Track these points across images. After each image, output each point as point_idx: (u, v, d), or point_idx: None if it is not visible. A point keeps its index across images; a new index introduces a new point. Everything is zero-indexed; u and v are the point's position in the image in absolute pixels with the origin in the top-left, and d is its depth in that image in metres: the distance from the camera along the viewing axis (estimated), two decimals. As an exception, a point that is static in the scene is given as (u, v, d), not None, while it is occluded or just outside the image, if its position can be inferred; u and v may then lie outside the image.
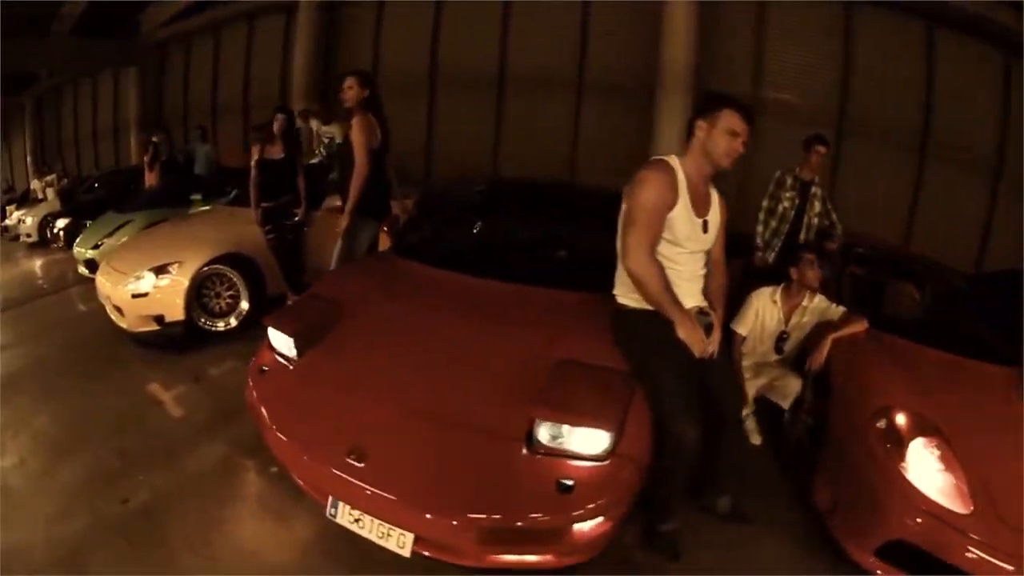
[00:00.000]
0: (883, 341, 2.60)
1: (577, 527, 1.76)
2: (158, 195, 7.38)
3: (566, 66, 8.39)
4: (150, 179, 8.47)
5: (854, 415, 2.26)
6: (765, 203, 3.88)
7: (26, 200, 11.90)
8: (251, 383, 2.38)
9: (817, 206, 3.86)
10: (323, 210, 4.86)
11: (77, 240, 6.78)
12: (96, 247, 6.28)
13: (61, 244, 8.38)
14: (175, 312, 4.01)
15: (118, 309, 4.17)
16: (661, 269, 2.03)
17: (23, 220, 9.61)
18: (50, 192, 11.07)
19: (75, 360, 4.09)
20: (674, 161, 2.07)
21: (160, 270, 4.04)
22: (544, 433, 1.86)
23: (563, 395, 1.92)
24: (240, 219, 4.73)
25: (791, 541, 2.32)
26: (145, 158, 8.64)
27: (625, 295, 2.15)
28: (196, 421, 3.18)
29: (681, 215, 2.03)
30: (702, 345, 2.03)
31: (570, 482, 1.77)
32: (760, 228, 3.89)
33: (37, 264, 8.29)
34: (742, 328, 2.94)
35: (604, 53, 8.13)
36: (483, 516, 1.74)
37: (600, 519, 1.78)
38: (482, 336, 2.31)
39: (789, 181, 3.80)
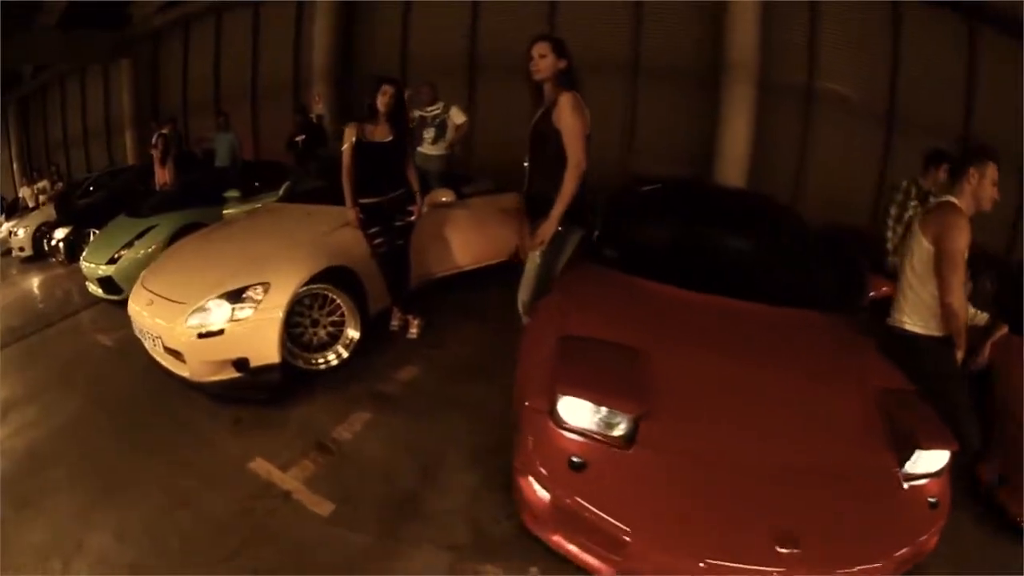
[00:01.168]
0: (1012, 339, 2.85)
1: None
2: (181, 194, 6.10)
3: (620, 50, 7.95)
4: (162, 176, 7.26)
5: (1012, 405, 2.54)
6: (893, 211, 4.03)
7: (15, 210, 10.57)
8: (561, 491, 1.69)
9: None
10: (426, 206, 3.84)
11: (85, 253, 5.49)
12: (112, 261, 5.04)
13: (62, 258, 7.12)
14: (266, 353, 2.83)
15: (173, 352, 2.96)
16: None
17: (14, 232, 8.34)
18: (42, 199, 9.80)
19: (121, 426, 2.88)
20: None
21: (236, 296, 2.85)
22: (914, 462, 1.86)
23: (924, 424, 1.92)
24: (325, 219, 3.57)
25: (970, 516, 2.43)
26: (154, 152, 7.42)
27: (916, 323, 2.37)
28: (362, 518, 2.05)
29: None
30: None
31: (934, 499, 1.85)
32: (889, 234, 4.06)
33: (35, 283, 7.02)
34: None
35: (658, 36, 7.77)
36: (903, 551, 1.72)
37: None
38: (788, 374, 2.13)
39: (914, 191, 3.97)
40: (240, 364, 2.83)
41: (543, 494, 1.73)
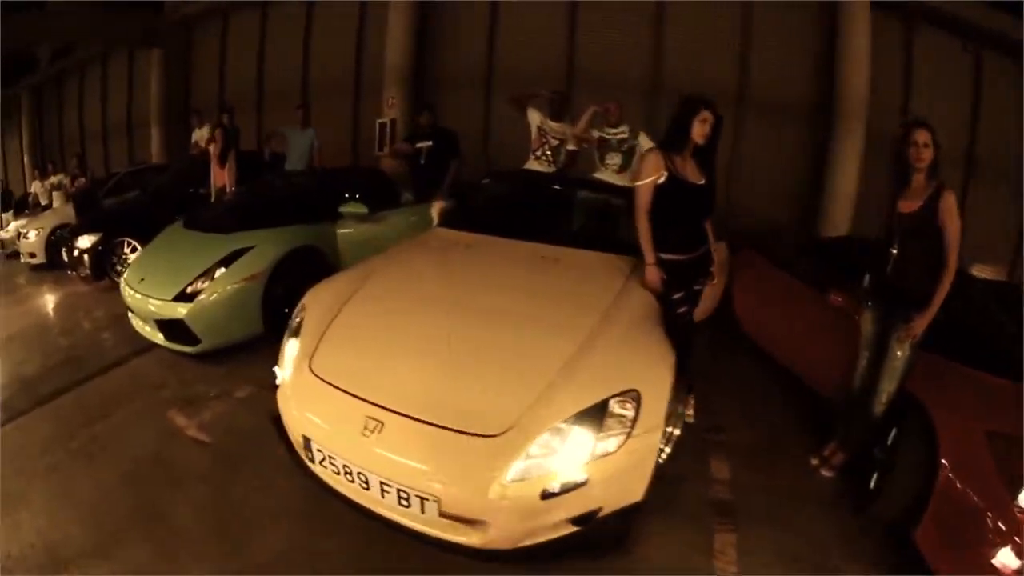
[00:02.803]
0: None
1: None
2: (275, 204, 4.57)
3: (726, 78, 7.80)
4: (220, 178, 5.80)
5: None
6: None
7: (25, 207, 9.04)
8: None
9: None
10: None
11: (128, 275, 3.88)
12: (185, 296, 3.43)
13: (86, 272, 5.57)
14: (630, 493, 1.82)
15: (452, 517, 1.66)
16: None
17: (24, 234, 6.85)
18: (57, 197, 8.32)
19: None
20: None
21: (597, 418, 1.72)
22: None
23: None
24: (588, 271, 2.64)
25: None
26: (211, 148, 5.98)
27: None
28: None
29: None
30: None
31: None
32: None
33: (50, 303, 5.51)
34: None
35: (768, 68, 7.67)
36: None
37: None
38: None
39: None
40: (585, 519, 1.71)
41: (1015, 563, 1.93)
